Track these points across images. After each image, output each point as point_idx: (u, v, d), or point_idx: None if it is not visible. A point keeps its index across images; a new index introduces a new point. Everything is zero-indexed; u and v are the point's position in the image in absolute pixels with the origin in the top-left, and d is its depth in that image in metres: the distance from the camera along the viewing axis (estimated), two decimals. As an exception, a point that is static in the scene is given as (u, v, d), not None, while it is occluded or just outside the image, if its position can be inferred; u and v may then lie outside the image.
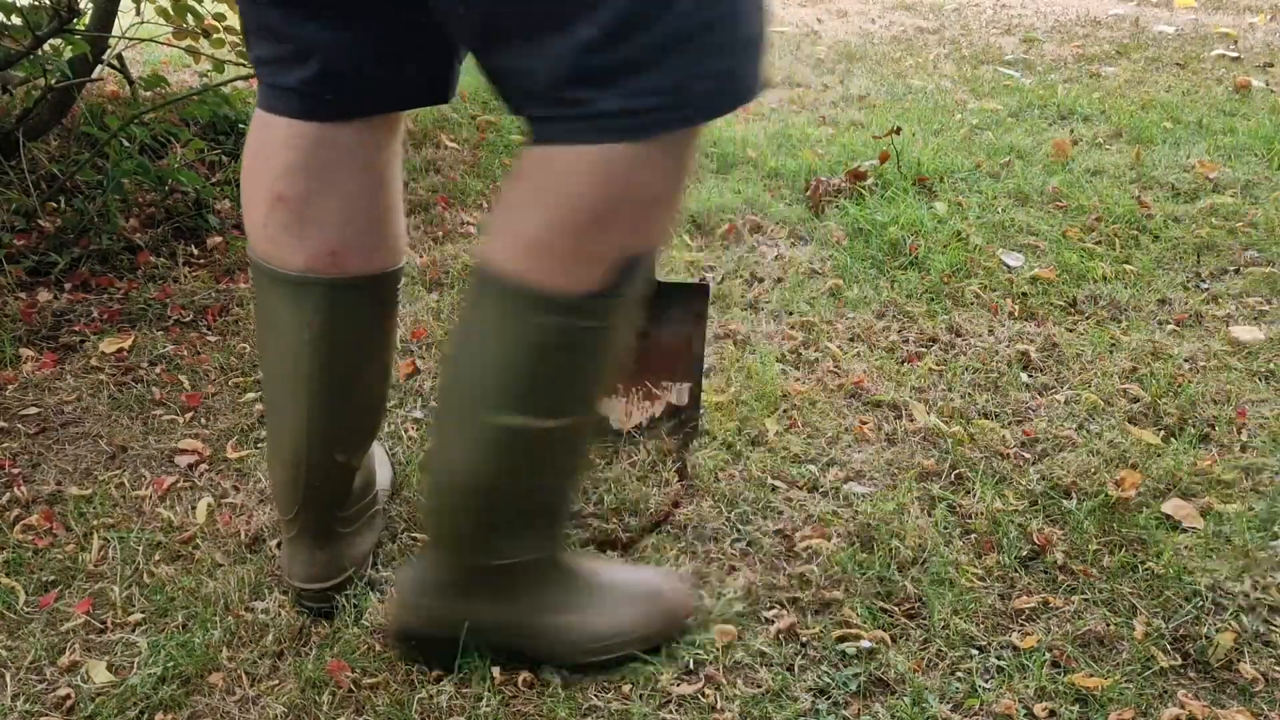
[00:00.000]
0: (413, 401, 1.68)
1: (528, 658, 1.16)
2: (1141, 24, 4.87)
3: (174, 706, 1.12)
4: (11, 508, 1.42)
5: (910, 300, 2.05)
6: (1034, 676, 1.17)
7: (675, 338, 1.51)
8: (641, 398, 1.52)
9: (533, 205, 0.94)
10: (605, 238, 0.95)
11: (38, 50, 2.15)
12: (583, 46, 0.87)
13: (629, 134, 0.91)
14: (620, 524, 1.40)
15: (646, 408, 1.53)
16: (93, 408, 1.65)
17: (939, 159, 2.79)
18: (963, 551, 1.36)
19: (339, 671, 1.14)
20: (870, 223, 2.36)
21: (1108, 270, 2.17)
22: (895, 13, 5.24)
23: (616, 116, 0.90)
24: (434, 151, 2.86)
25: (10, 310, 1.91)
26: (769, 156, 2.83)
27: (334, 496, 1.22)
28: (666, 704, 1.13)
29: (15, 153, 2.22)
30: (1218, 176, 2.70)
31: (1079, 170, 2.77)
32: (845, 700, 1.14)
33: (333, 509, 1.22)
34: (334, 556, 1.24)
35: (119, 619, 1.23)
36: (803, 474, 1.51)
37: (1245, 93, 3.58)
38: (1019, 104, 3.44)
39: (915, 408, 1.67)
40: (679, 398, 1.55)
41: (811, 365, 1.82)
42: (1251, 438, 1.61)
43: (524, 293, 0.96)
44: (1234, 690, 1.16)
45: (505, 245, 0.96)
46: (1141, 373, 1.79)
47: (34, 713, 1.11)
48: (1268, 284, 2.12)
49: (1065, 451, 1.57)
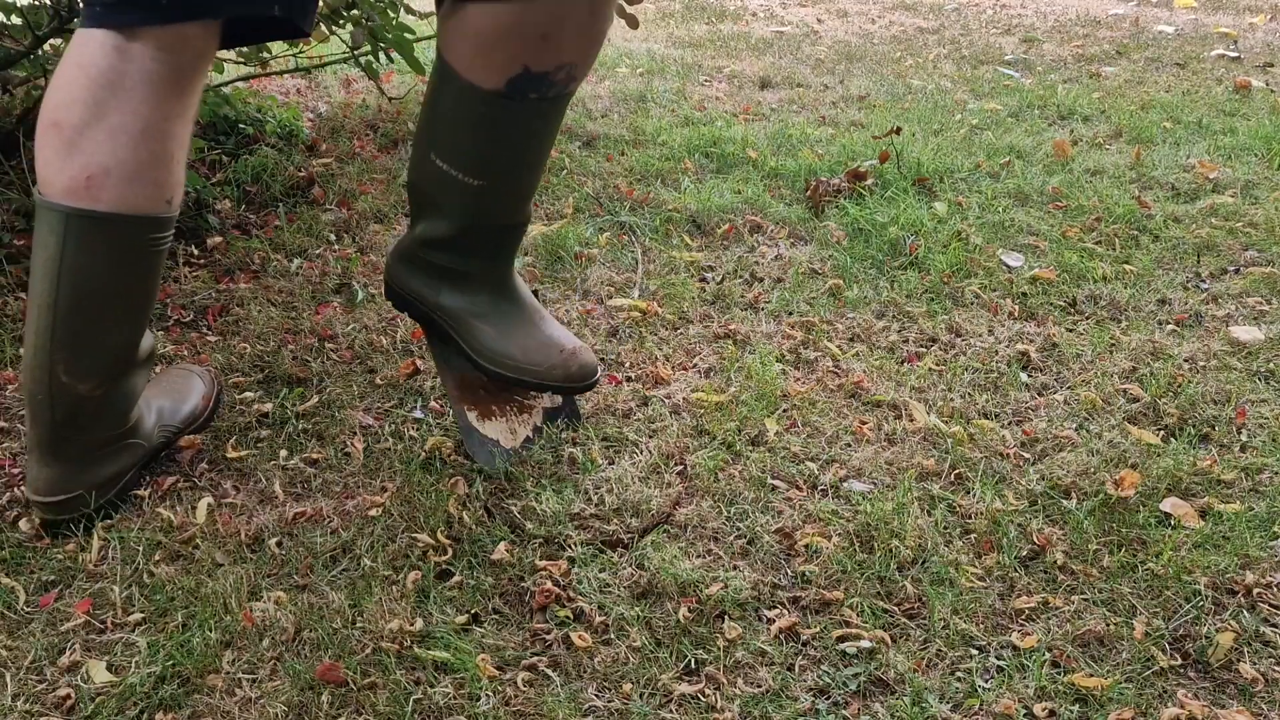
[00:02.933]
0: (413, 401, 1.68)
1: (450, 344, 1.51)
2: (1141, 24, 4.88)
3: (174, 706, 1.12)
4: (12, 508, 1.42)
5: (910, 300, 2.05)
6: (1034, 676, 1.17)
7: None
8: (517, 411, 1.60)
9: (463, 29, 1.29)
10: (503, 55, 1.27)
11: (38, 50, 2.15)
12: None
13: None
14: (622, 525, 1.40)
15: (526, 420, 1.60)
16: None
17: (939, 159, 2.79)
18: (963, 551, 1.36)
19: (330, 673, 1.14)
20: (870, 223, 2.36)
21: (1108, 270, 2.17)
22: (895, 13, 5.24)
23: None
24: (434, 151, 2.85)
25: (10, 310, 1.91)
26: (769, 156, 2.84)
27: (68, 417, 1.31)
28: (667, 703, 1.13)
29: (15, 153, 2.22)
30: (1218, 176, 2.70)
31: (1079, 170, 2.77)
32: (845, 700, 1.14)
33: (68, 429, 1.32)
34: (63, 474, 1.35)
35: (119, 619, 1.23)
36: (802, 473, 1.51)
37: (1245, 93, 3.58)
38: (1019, 104, 3.44)
39: (915, 408, 1.67)
40: (551, 400, 1.63)
41: (811, 365, 1.82)
42: (1251, 438, 1.61)
43: (457, 80, 1.31)
44: (1234, 690, 1.17)
45: (452, 49, 1.30)
46: (1141, 373, 1.79)
47: (34, 713, 1.11)
48: (1268, 284, 2.12)
49: (1065, 451, 1.57)
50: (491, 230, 1.44)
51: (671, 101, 3.45)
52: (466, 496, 1.45)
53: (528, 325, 1.49)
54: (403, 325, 1.92)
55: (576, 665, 1.18)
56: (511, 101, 1.31)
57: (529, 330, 1.48)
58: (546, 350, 1.47)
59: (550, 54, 1.28)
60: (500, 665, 1.18)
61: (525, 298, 1.51)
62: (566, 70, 1.31)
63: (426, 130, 1.39)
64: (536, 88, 1.31)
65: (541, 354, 1.47)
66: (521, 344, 1.47)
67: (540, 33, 1.26)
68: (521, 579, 1.31)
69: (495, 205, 1.42)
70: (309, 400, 1.68)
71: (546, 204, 2.53)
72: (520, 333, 1.48)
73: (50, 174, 1.23)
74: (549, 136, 1.41)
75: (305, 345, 1.85)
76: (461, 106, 1.33)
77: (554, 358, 1.47)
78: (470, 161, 1.36)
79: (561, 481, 1.49)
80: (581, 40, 1.30)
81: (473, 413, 1.59)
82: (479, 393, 1.61)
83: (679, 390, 1.72)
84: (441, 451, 1.55)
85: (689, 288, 2.09)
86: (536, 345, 1.47)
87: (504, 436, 1.57)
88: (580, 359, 1.48)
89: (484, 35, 1.26)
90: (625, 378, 1.77)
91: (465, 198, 1.39)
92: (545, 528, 1.39)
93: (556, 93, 1.33)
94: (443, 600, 1.26)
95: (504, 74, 1.28)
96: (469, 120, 1.33)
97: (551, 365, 1.47)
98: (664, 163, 2.80)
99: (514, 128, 1.35)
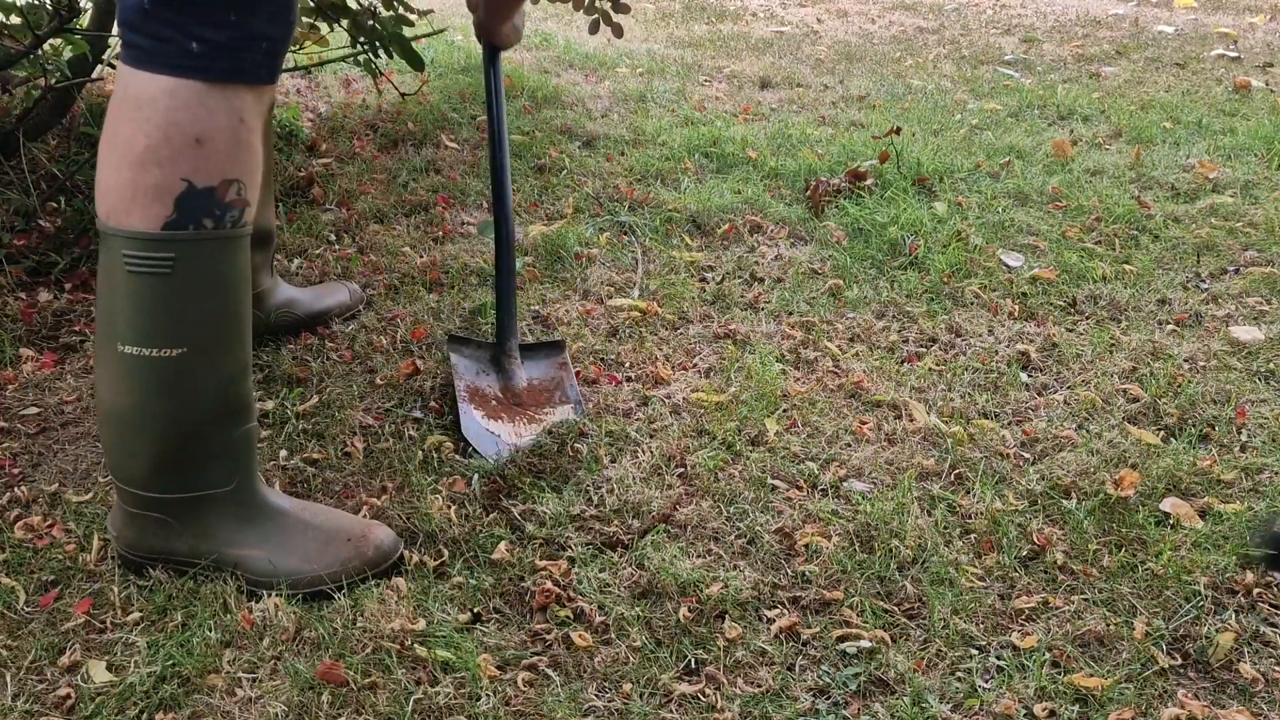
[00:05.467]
0: (413, 401, 1.68)
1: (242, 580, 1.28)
2: (1141, 24, 4.87)
3: (174, 706, 1.12)
4: (12, 508, 1.42)
5: (910, 300, 2.05)
6: (1034, 676, 1.17)
7: (548, 384, 1.72)
8: (526, 422, 1.62)
9: (106, 143, 1.16)
10: (161, 170, 1.11)
11: (38, 50, 2.15)
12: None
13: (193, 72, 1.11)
14: (622, 525, 1.40)
15: (533, 429, 1.60)
16: (93, 408, 1.65)
17: (939, 159, 2.79)
18: (963, 551, 1.36)
19: (330, 672, 1.14)
20: (870, 223, 2.36)
21: (1108, 270, 2.17)
22: (895, 13, 5.24)
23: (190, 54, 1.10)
24: (434, 151, 2.86)
25: (10, 310, 1.91)
26: (769, 156, 2.83)
27: None
28: (667, 703, 1.13)
29: (15, 153, 2.22)
30: (1218, 176, 2.70)
31: (1079, 170, 2.77)
32: (845, 700, 1.14)
33: None
34: None
35: (118, 619, 1.23)
36: (802, 473, 1.51)
37: (1245, 93, 3.58)
38: (1019, 104, 3.44)
39: (915, 407, 1.67)
40: (563, 418, 1.63)
41: (811, 365, 1.82)
42: (1251, 438, 1.61)
43: (108, 233, 1.15)
44: (1234, 690, 1.16)
45: (98, 195, 1.15)
46: (1141, 373, 1.79)
47: (34, 712, 1.11)
48: (1268, 284, 2.12)
49: (1065, 451, 1.57)
50: (216, 423, 1.24)
51: (671, 101, 3.45)
52: (466, 496, 1.45)
53: (300, 528, 1.30)
54: (402, 325, 1.92)
55: (577, 665, 1.18)
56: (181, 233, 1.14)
57: (303, 533, 1.30)
58: (332, 549, 1.29)
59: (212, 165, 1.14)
60: (501, 665, 1.18)
61: (282, 501, 1.32)
62: (236, 187, 1.17)
63: (105, 322, 1.19)
64: (208, 212, 1.15)
65: (330, 554, 1.28)
66: (302, 553, 1.28)
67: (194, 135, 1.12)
68: (521, 579, 1.31)
69: (209, 383, 1.22)
70: (309, 400, 1.68)
71: (546, 204, 2.53)
72: (294, 542, 1.29)
73: None
74: (245, 283, 1.23)
75: (305, 345, 1.85)
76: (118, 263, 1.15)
77: (344, 551, 1.29)
78: (154, 329, 1.17)
79: (562, 481, 1.49)
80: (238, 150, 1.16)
81: (479, 412, 1.59)
82: (490, 402, 1.62)
83: (679, 390, 1.72)
84: (441, 451, 1.55)
85: (689, 288, 2.09)
86: (319, 548, 1.29)
87: (507, 435, 1.57)
88: (374, 539, 1.30)
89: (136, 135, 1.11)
90: (625, 378, 1.77)
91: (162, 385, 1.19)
92: (545, 528, 1.39)
93: (233, 219, 1.18)
94: (443, 600, 1.26)
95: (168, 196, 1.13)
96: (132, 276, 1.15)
97: (345, 560, 1.28)
98: (664, 163, 2.80)
99: None
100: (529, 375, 1.72)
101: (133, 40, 1.13)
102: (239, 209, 1.18)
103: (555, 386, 1.70)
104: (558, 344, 1.78)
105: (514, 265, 1.76)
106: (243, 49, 1.14)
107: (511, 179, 2.64)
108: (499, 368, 1.72)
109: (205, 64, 1.12)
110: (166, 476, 1.24)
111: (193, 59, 1.11)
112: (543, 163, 2.77)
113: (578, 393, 1.68)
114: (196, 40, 1.11)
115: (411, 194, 2.54)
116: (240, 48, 1.14)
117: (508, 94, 3.41)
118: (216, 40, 1.12)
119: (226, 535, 1.27)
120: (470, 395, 1.61)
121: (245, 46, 1.14)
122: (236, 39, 1.13)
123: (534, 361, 1.75)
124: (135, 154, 1.12)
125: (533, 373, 1.73)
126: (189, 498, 1.25)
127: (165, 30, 1.11)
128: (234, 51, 1.13)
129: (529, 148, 2.88)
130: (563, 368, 1.74)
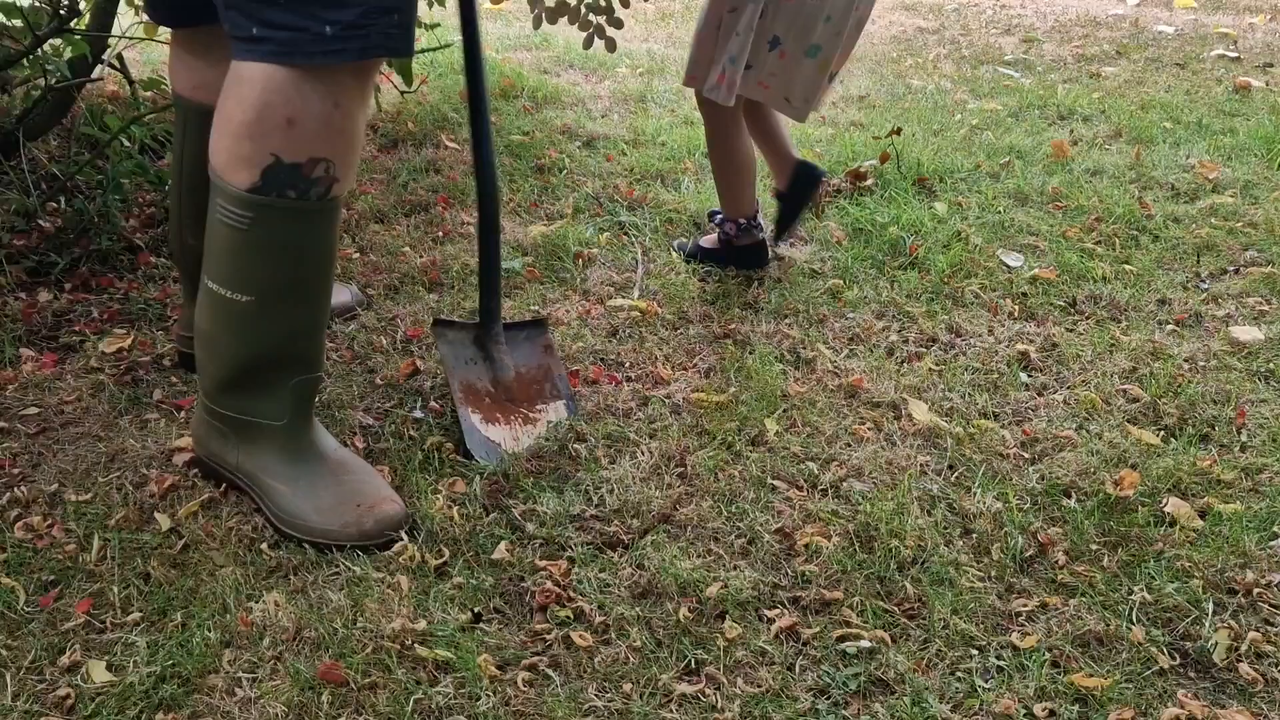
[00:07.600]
0: (413, 401, 1.68)
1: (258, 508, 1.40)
2: (1141, 24, 4.87)
3: (174, 706, 1.12)
4: (11, 508, 1.42)
5: (910, 300, 2.05)
6: (1034, 676, 1.17)
7: (534, 370, 1.70)
8: (522, 423, 1.61)
9: (219, 112, 1.28)
10: (253, 144, 1.24)
11: (38, 50, 2.15)
12: None
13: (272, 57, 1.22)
14: (622, 525, 1.40)
15: (530, 430, 1.60)
16: (93, 408, 1.65)
17: (939, 159, 2.79)
18: (963, 551, 1.36)
19: (330, 672, 1.14)
20: (870, 223, 2.36)
21: (1108, 270, 2.17)
22: (895, 13, 5.24)
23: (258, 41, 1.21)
24: (434, 152, 2.86)
25: (10, 310, 1.91)
26: (769, 156, 2.83)
27: (193, 268, 1.48)
28: (667, 703, 1.13)
29: (15, 153, 2.22)
30: (1218, 176, 2.70)
31: (1079, 170, 2.77)
32: (845, 700, 1.14)
33: (194, 279, 1.47)
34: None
35: (118, 619, 1.23)
36: (802, 473, 1.51)
37: (1245, 93, 3.58)
38: (1019, 104, 3.44)
39: (915, 407, 1.67)
40: (556, 414, 1.63)
41: (811, 365, 1.82)
42: (1251, 438, 1.61)
43: (215, 182, 1.29)
44: (1234, 690, 1.16)
45: (210, 152, 1.30)
46: (1141, 373, 1.79)
47: (34, 712, 1.11)
48: (1268, 284, 2.12)
49: (1065, 451, 1.57)
50: (274, 365, 1.36)
51: (671, 101, 3.45)
52: (466, 496, 1.45)
53: (327, 481, 1.38)
54: (402, 325, 1.92)
55: (577, 665, 1.18)
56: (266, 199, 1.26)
57: (328, 486, 1.38)
58: (341, 509, 1.35)
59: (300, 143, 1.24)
60: (501, 665, 1.18)
61: (328, 453, 1.42)
62: (324, 165, 1.27)
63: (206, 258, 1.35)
64: (294, 184, 1.26)
65: (335, 513, 1.35)
66: (316, 503, 1.36)
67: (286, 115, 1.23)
68: (522, 579, 1.31)
69: (271, 331, 1.34)
70: (309, 400, 1.67)
71: (546, 204, 2.53)
72: (316, 491, 1.37)
73: (176, 83, 1.61)
74: (321, 252, 1.34)
75: (305, 345, 1.85)
76: (217, 210, 1.30)
77: (348, 515, 1.35)
78: (231, 273, 1.31)
79: (562, 481, 1.49)
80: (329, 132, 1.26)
81: (476, 415, 1.59)
82: (484, 400, 1.61)
83: (679, 390, 1.72)
84: (441, 451, 1.55)
85: (689, 288, 2.09)
86: (331, 505, 1.36)
87: (506, 441, 1.57)
88: (378, 513, 1.35)
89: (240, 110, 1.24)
90: (625, 378, 1.77)
91: (236, 320, 1.33)
92: (545, 528, 1.39)
93: (319, 194, 1.28)
94: (444, 600, 1.26)
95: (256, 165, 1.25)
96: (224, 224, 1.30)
97: (345, 524, 1.34)
98: (664, 163, 2.80)
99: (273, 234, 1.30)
100: (516, 363, 1.69)
101: (264, 35, 1.21)
102: (325, 185, 1.28)
103: (544, 376, 1.69)
104: (539, 323, 1.75)
105: (498, 239, 1.69)
106: (372, 26, 1.22)
107: (510, 178, 2.65)
108: (486, 354, 1.68)
109: (339, 46, 1.21)
110: (226, 396, 1.39)
111: (325, 43, 1.21)
112: (543, 163, 2.77)
113: (567, 382, 1.68)
114: (329, 24, 1.20)
115: (411, 194, 2.54)
116: (369, 25, 1.22)
117: (508, 94, 3.41)
118: (346, 20, 1.20)
119: (265, 463, 1.40)
120: (465, 395, 1.60)
121: (375, 22, 1.22)
122: (363, 16, 1.21)
123: (518, 345, 1.71)
124: (234, 127, 1.25)
125: (519, 359, 1.70)
126: (242, 420, 1.40)
127: (300, 20, 1.19)
128: (363, 30, 1.22)
129: (529, 148, 2.88)
130: (548, 351, 1.72)
